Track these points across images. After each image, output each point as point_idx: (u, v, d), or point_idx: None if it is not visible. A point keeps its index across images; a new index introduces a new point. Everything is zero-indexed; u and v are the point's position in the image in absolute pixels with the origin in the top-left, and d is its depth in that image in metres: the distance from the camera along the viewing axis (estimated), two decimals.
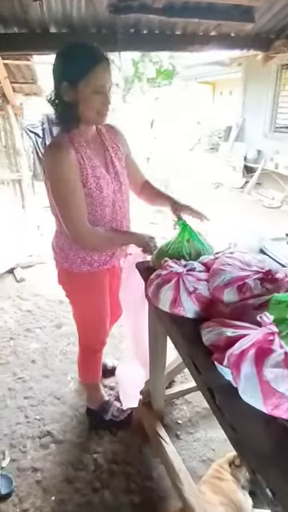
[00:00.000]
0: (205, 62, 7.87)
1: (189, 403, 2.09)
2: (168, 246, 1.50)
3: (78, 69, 1.23)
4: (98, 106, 1.30)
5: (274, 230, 5.49)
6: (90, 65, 1.23)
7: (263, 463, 0.81)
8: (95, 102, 1.28)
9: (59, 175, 1.31)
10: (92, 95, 1.26)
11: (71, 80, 1.24)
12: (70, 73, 1.24)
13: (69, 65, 1.24)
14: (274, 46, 2.99)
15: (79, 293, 1.68)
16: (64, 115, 1.33)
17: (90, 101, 1.27)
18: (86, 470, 1.72)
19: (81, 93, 1.25)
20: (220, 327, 1.04)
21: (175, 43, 2.78)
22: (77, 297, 1.72)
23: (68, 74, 1.24)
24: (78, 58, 1.24)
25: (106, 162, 1.45)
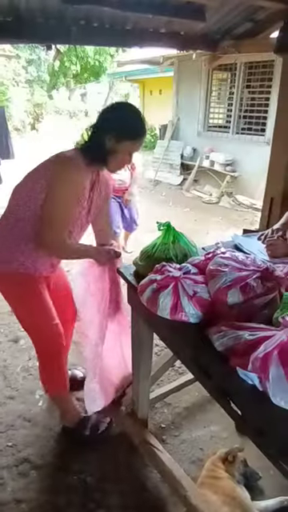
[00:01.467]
0: (137, 60, 7.89)
1: (169, 405, 2.07)
2: (154, 248, 1.45)
3: (130, 132, 1.47)
4: (123, 164, 1.58)
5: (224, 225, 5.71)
6: (140, 134, 1.49)
7: None
8: (124, 161, 1.55)
9: (68, 188, 1.45)
10: (124, 153, 1.50)
11: (120, 135, 1.45)
12: (123, 130, 1.45)
13: (128, 125, 1.46)
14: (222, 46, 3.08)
15: (16, 294, 1.62)
16: (96, 154, 1.48)
17: (121, 157, 1.51)
18: (76, 492, 1.60)
19: (119, 148, 1.47)
20: (234, 331, 1.02)
21: (125, 38, 2.72)
22: (15, 299, 1.64)
23: (121, 130, 1.45)
24: (138, 125, 1.48)
25: (89, 198, 1.61)
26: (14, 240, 1.54)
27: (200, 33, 2.95)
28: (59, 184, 1.44)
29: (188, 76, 7.41)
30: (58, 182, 1.44)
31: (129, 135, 1.46)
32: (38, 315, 1.65)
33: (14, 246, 1.54)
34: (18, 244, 1.54)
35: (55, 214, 1.45)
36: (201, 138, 7.49)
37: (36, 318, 1.66)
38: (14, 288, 1.61)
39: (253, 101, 6.44)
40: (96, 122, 1.49)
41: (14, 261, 1.54)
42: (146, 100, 12.41)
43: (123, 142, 1.46)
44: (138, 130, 1.48)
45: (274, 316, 1.04)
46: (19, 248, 1.54)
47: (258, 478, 1.62)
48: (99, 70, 18.02)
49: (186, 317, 1.17)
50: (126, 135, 1.45)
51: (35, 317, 1.66)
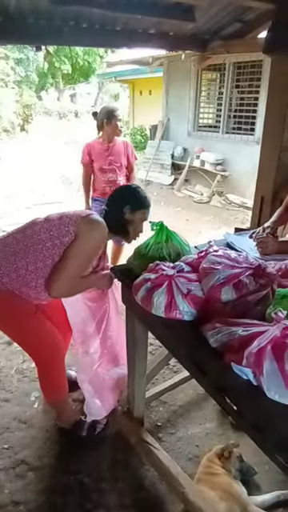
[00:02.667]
0: (126, 61, 7.89)
1: (164, 403, 2.08)
2: (147, 248, 1.46)
3: (142, 204, 1.71)
4: (138, 234, 1.76)
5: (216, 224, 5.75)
6: (148, 206, 1.74)
7: None
8: (139, 229, 1.75)
9: (94, 248, 1.60)
10: (139, 224, 1.72)
11: (134, 207, 1.68)
12: (137, 203, 1.70)
13: (139, 199, 1.71)
14: (211, 46, 3.10)
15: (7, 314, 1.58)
16: (118, 225, 1.69)
17: (137, 226, 1.72)
18: (73, 493, 1.60)
19: (134, 218, 1.69)
20: (228, 327, 1.03)
21: (115, 39, 2.73)
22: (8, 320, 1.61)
23: (135, 203, 1.69)
24: (145, 199, 1.73)
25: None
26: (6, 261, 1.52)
27: (189, 33, 2.97)
28: (88, 240, 1.55)
29: (177, 76, 7.44)
30: (88, 238, 1.55)
31: (142, 204, 1.71)
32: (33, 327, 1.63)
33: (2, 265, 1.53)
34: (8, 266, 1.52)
35: (74, 268, 1.53)
36: (191, 138, 7.52)
37: (31, 328, 1.64)
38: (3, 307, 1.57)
39: (242, 100, 6.49)
40: (111, 200, 1.73)
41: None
42: (136, 100, 12.40)
43: (138, 212, 1.69)
44: (147, 200, 1.74)
45: (267, 312, 1.06)
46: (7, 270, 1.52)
47: (253, 473, 1.64)
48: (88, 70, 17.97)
49: (181, 315, 1.18)
50: (140, 205, 1.70)
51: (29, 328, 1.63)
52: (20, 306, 1.58)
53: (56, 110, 18.20)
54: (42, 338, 1.66)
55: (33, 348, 1.71)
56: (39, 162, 9.29)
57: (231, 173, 6.59)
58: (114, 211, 1.68)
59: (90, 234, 1.55)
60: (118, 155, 3.05)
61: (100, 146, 3.01)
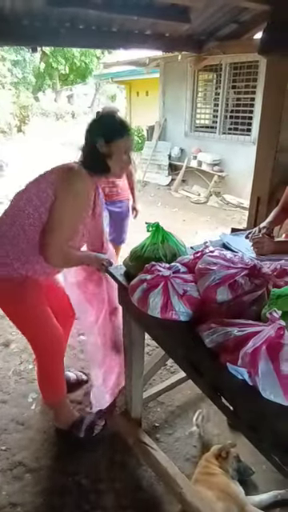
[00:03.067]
0: (123, 62, 7.90)
1: (162, 404, 2.08)
2: (143, 249, 1.46)
3: (117, 130, 1.52)
4: (124, 165, 1.60)
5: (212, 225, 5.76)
6: (125, 131, 1.54)
7: None
8: (123, 161, 1.57)
9: (76, 199, 1.49)
10: (120, 154, 1.54)
11: (109, 137, 1.50)
12: (110, 132, 1.51)
13: (110, 126, 1.53)
14: (207, 47, 3.11)
15: (14, 300, 1.61)
16: (95, 162, 1.54)
17: (118, 158, 1.54)
18: (71, 494, 1.60)
19: (113, 149, 1.52)
20: (223, 327, 1.04)
21: (111, 40, 2.73)
22: (14, 306, 1.63)
23: (108, 132, 1.51)
24: (118, 123, 1.55)
25: (93, 208, 1.68)
26: (11, 246, 1.53)
27: (185, 34, 2.98)
28: (68, 196, 1.47)
29: (174, 77, 7.45)
30: (67, 194, 1.47)
31: (115, 133, 1.51)
32: (39, 321, 1.65)
33: (10, 251, 1.54)
34: (15, 250, 1.53)
35: (62, 225, 1.48)
36: (188, 139, 7.54)
37: (37, 324, 1.66)
38: (11, 294, 1.60)
39: (238, 101, 6.50)
40: (85, 137, 1.56)
41: (10, 266, 1.54)
42: (133, 101, 12.42)
43: (114, 142, 1.51)
44: (122, 127, 1.54)
45: (262, 312, 1.07)
46: (15, 254, 1.53)
47: (251, 472, 1.64)
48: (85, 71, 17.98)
49: (177, 315, 1.18)
50: (112, 135, 1.51)
51: (36, 323, 1.65)
52: (30, 298, 1.61)
53: (53, 111, 18.17)
54: (47, 332, 1.68)
55: (37, 340, 1.72)
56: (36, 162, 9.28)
57: (228, 173, 6.60)
58: (88, 149, 1.55)
59: (68, 192, 1.47)
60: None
61: None
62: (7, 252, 1.54)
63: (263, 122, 2.34)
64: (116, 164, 1.56)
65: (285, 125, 2.17)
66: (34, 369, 2.37)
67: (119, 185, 3.04)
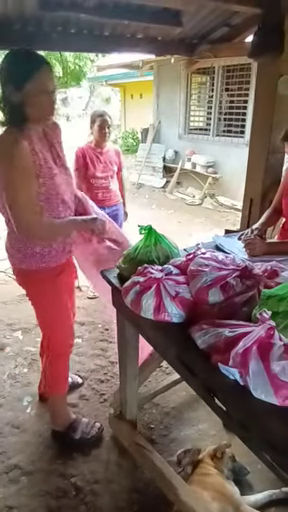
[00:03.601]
0: (116, 65, 7.93)
1: (157, 405, 2.09)
2: (136, 251, 1.47)
3: (23, 73, 1.32)
4: (44, 107, 1.40)
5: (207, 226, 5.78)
6: (34, 69, 1.33)
7: (282, 453, 0.84)
8: (41, 103, 1.38)
9: (13, 162, 1.34)
10: (37, 97, 1.35)
11: (17, 83, 1.32)
12: (16, 77, 1.32)
13: (14, 69, 1.33)
14: (199, 50, 3.13)
15: (41, 292, 1.64)
16: (12, 115, 1.38)
17: (36, 102, 1.36)
18: (67, 496, 1.60)
19: (27, 94, 1.33)
20: (215, 328, 1.05)
21: (103, 44, 2.75)
22: (39, 296, 1.67)
23: (14, 77, 1.33)
24: (23, 63, 1.34)
25: (54, 157, 1.52)
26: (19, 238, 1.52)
27: (177, 38, 3.00)
28: (3, 165, 1.34)
29: (168, 80, 7.49)
30: (2, 164, 1.35)
31: (22, 76, 1.31)
32: (59, 313, 1.69)
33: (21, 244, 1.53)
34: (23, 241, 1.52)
35: (17, 197, 1.36)
36: (182, 141, 7.57)
37: (56, 315, 1.69)
38: (36, 285, 1.63)
39: (231, 103, 6.56)
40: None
41: (31, 258, 1.53)
42: (127, 104, 12.46)
43: (25, 87, 1.32)
44: (29, 65, 1.32)
45: (253, 313, 1.08)
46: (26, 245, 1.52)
47: (246, 472, 1.65)
48: (80, 74, 18.01)
49: (169, 317, 1.19)
50: (19, 79, 1.31)
51: (56, 316, 1.69)
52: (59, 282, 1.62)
53: None
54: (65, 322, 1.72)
55: (52, 330, 1.75)
56: None
57: (222, 175, 6.64)
58: (3, 104, 1.36)
59: (1, 162, 1.35)
60: (110, 163, 2.98)
61: (92, 151, 2.93)
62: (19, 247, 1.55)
63: (255, 124, 2.36)
64: (34, 110, 1.36)
65: (276, 126, 2.20)
66: (28, 372, 2.37)
67: (112, 189, 3.03)
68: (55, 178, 1.47)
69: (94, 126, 2.84)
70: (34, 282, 1.61)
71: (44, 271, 1.57)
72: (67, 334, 1.76)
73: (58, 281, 1.62)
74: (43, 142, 1.50)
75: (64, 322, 1.72)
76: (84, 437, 1.85)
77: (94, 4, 2.10)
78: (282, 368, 0.89)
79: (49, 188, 1.45)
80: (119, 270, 1.52)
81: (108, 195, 3.04)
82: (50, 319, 1.72)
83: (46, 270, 1.57)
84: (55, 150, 1.53)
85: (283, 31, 2.06)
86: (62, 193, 1.51)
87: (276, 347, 0.93)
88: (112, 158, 3.00)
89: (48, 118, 1.46)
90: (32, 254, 1.53)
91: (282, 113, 2.20)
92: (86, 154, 2.90)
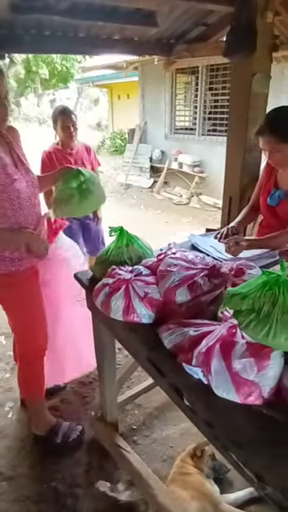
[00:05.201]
0: (101, 65, 7.92)
1: (139, 406, 2.08)
2: (108, 253, 1.47)
3: None
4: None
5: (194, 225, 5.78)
6: None
7: (246, 451, 0.84)
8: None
9: None
10: None
11: None
12: None
13: None
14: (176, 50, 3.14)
15: (12, 296, 1.61)
16: None
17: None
18: (47, 500, 1.59)
19: None
20: (180, 328, 1.05)
21: (79, 46, 2.74)
22: (10, 300, 1.64)
23: None
24: None
25: (14, 161, 1.52)
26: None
27: (153, 38, 3.01)
28: None
29: (152, 80, 7.50)
30: None
31: None
32: (31, 318, 1.67)
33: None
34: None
35: None
36: (168, 141, 7.59)
37: (28, 321, 1.68)
38: (7, 289, 1.60)
39: (216, 103, 6.58)
40: None
41: (1, 262, 1.52)
42: (115, 105, 12.46)
43: None
44: None
45: (218, 311, 1.08)
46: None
47: (226, 470, 1.65)
48: (67, 75, 17.96)
49: (138, 317, 1.19)
50: None
51: (28, 320, 1.68)
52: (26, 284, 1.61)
53: (35, 115, 18.10)
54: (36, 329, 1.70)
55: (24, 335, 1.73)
56: None
57: (208, 174, 6.66)
58: None
59: None
60: (82, 162, 2.68)
61: (60, 153, 2.62)
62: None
63: (231, 123, 2.38)
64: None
65: (251, 125, 2.21)
66: (10, 377, 2.35)
67: None
68: (15, 184, 1.46)
69: (57, 125, 2.57)
70: (4, 285, 1.59)
71: (14, 275, 1.56)
72: (40, 338, 1.73)
73: (29, 284, 1.61)
74: (3, 146, 1.51)
75: (36, 327, 1.70)
76: (65, 440, 1.84)
77: (66, 6, 2.09)
78: (243, 366, 0.90)
79: (9, 193, 1.45)
80: (92, 272, 1.52)
81: None
82: (21, 323, 1.70)
83: (16, 274, 1.56)
84: (16, 154, 1.53)
85: (255, 30, 2.07)
86: (25, 197, 1.50)
87: (238, 345, 0.94)
88: (83, 157, 2.72)
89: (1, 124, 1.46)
90: (1, 258, 1.52)
91: (256, 111, 2.21)
92: (52, 156, 2.62)
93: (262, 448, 0.82)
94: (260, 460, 0.81)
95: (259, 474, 0.82)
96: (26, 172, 1.55)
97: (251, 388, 0.88)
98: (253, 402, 0.88)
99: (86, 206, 1.69)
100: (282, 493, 0.77)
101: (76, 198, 1.63)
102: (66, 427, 1.87)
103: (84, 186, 1.65)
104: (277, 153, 1.62)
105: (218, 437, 0.94)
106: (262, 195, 1.91)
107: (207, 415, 0.94)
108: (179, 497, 1.45)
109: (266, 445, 0.82)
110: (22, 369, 1.82)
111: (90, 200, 1.67)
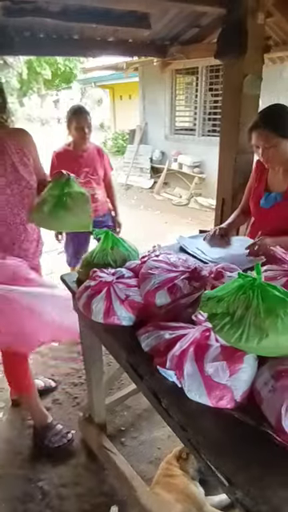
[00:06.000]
0: (102, 66, 7.94)
1: (129, 408, 2.09)
2: (92, 255, 1.48)
3: None
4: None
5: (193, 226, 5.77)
6: None
7: (217, 455, 0.84)
8: None
9: None
10: None
11: None
12: None
13: None
14: (171, 51, 3.14)
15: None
16: None
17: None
18: (33, 500, 1.60)
19: None
20: (157, 331, 1.05)
21: (73, 48, 2.76)
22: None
23: None
24: None
25: (6, 167, 1.48)
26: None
27: (148, 40, 3.01)
28: None
29: (152, 81, 7.51)
30: None
31: None
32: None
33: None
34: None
35: None
36: (168, 142, 7.59)
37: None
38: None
39: (216, 103, 6.57)
40: None
41: None
42: (117, 105, 12.48)
43: None
44: None
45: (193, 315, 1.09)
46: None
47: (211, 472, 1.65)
48: (70, 76, 18.00)
49: (119, 320, 1.20)
50: None
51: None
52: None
53: (38, 116, 18.16)
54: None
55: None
56: None
57: (208, 175, 6.65)
58: None
59: None
60: (94, 165, 2.55)
61: (70, 154, 2.52)
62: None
63: (223, 125, 2.38)
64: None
65: (243, 126, 2.21)
66: (1, 378, 2.36)
67: (98, 198, 2.61)
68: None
69: (71, 126, 2.47)
70: None
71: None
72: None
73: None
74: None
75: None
76: (49, 445, 1.82)
77: (58, 8, 2.10)
78: (215, 369, 0.90)
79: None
80: (78, 275, 1.53)
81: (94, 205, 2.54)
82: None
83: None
84: (10, 159, 1.50)
85: (246, 31, 2.06)
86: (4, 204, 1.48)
87: (212, 349, 0.94)
88: (95, 160, 2.58)
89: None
90: None
91: (248, 112, 2.21)
92: (62, 158, 2.51)
93: (233, 452, 0.83)
94: (230, 464, 0.82)
95: (229, 478, 0.82)
96: (16, 180, 1.50)
97: (223, 391, 0.88)
98: (225, 406, 0.88)
99: (54, 222, 1.53)
100: (250, 497, 0.77)
101: (47, 207, 1.49)
102: (54, 432, 1.86)
103: (64, 198, 1.50)
104: (270, 149, 1.59)
105: (191, 440, 0.94)
106: (252, 198, 1.90)
107: (180, 418, 0.95)
108: (163, 499, 1.45)
109: (236, 449, 0.83)
110: (8, 367, 1.82)
111: (62, 217, 1.50)
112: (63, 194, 1.50)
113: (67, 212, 1.49)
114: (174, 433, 1.05)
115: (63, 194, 1.50)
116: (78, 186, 1.56)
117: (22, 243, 1.68)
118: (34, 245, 1.76)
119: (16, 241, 1.64)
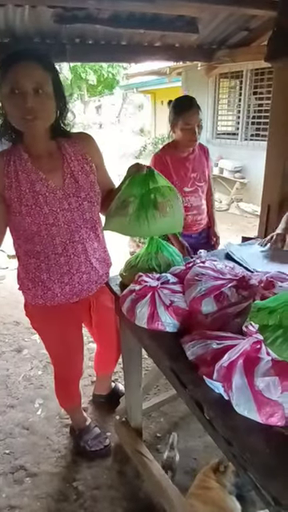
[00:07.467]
0: (144, 72, 8.02)
1: (165, 414, 2.06)
2: (137, 259, 1.48)
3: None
4: (14, 110, 1.15)
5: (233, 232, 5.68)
6: (6, 64, 1.13)
7: (265, 473, 0.80)
8: (11, 106, 1.15)
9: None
10: (8, 98, 1.14)
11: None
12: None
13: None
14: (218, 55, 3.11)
15: (38, 325, 1.61)
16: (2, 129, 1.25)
17: (7, 104, 1.16)
18: (68, 500, 1.62)
19: (2, 97, 1.16)
20: (204, 340, 1.03)
21: (121, 54, 2.80)
22: (38, 329, 1.64)
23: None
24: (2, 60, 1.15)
25: (64, 177, 1.30)
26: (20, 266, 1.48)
27: (195, 44, 3.00)
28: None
29: (195, 85, 7.46)
30: None
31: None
32: (59, 347, 1.64)
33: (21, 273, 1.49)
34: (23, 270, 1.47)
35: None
36: (210, 146, 7.42)
37: (56, 349, 1.66)
38: (35, 318, 1.58)
39: (260, 107, 6.42)
40: None
41: (24, 290, 1.49)
42: (158, 110, 12.55)
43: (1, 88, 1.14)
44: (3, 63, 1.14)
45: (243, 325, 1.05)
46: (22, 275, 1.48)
47: (249, 488, 1.58)
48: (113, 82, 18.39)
49: (163, 326, 1.18)
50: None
51: (55, 347, 1.66)
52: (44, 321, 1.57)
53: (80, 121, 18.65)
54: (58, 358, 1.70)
55: (51, 359, 1.75)
56: None
57: (250, 180, 6.50)
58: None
59: None
60: (202, 169, 2.16)
61: (176, 157, 2.08)
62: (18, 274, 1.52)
63: (272, 130, 2.30)
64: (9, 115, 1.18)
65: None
66: (42, 375, 2.42)
67: (204, 210, 2.27)
68: (42, 204, 1.27)
69: (177, 123, 2.00)
70: (30, 312, 1.57)
71: (39, 307, 1.48)
72: (70, 365, 1.72)
73: (54, 317, 1.53)
74: (52, 158, 1.30)
75: (65, 356, 1.68)
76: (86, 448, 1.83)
77: (108, 15, 2.14)
78: (266, 384, 0.86)
79: (35, 217, 1.28)
80: (121, 279, 1.53)
81: (199, 217, 2.22)
82: (49, 350, 1.69)
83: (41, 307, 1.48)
84: (69, 168, 1.31)
85: None
86: (57, 221, 1.31)
87: (263, 362, 0.90)
88: (202, 162, 2.19)
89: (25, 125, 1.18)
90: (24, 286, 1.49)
91: None
92: (167, 162, 2.06)
93: (282, 471, 0.78)
94: (278, 484, 0.78)
95: (276, 498, 0.78)
96: (76, 191, 1.32)
97: (274, 408, 0.84)
98: (275, 423, 0.84)
99: (142, 226, 1.23)
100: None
101: (131, 209, 1.22)
102: (92, 436, 1.87)
103: (152, 195, 1.22)
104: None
105: (236, 456, 0.90)
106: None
107: (226, 432, 0.91)
108: (198, 511, 1.42)
109: (286, 468, 0.78)
110: (55, 387, 1.82)
111: (152, 218, 1.22)
112: (149, 190, 1.22)
113: (160, 212, 1.22)
114: (217, 445, 1.02)
115: (150, 191, 1.22)
116: (163, 179, 1.28)
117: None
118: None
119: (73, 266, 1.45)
